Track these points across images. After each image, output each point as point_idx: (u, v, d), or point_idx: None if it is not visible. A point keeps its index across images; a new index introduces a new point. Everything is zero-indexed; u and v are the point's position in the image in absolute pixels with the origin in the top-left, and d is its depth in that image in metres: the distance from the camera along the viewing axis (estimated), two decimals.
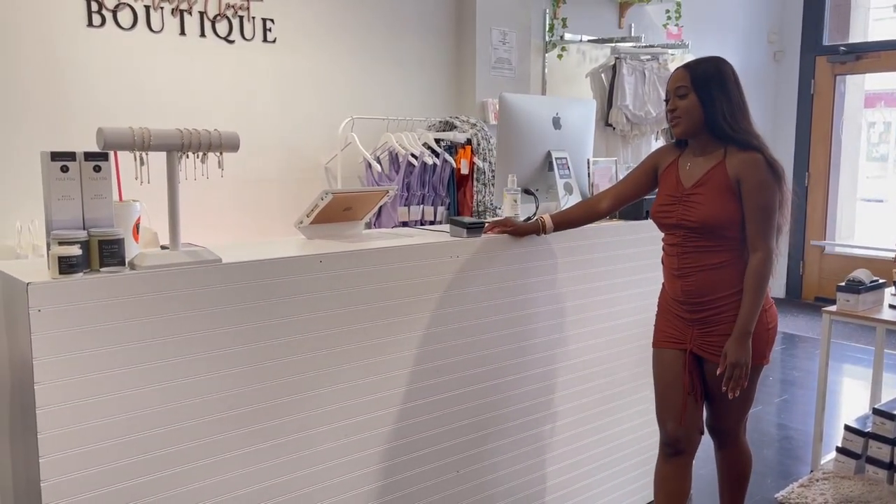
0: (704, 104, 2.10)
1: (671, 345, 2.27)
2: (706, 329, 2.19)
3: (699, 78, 2.11)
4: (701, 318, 2.19)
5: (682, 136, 2.18)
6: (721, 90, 2.11)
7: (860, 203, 7.36)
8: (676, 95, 2.14)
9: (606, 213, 2.37)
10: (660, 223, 2.27)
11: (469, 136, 3.91)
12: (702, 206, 2.13)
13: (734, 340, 2.11)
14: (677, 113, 2.15)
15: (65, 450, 1.56)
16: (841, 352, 5.22)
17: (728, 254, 2.14)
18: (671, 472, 2.27)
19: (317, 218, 2.16)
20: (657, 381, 2.31)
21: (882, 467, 3.17)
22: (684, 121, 2.14)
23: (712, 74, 2.12)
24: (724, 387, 2.11)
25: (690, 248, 2.17)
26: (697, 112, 2.12)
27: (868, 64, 6.56)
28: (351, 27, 3.97)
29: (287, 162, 3.80)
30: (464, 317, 2.24)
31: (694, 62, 2.18)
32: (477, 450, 2.33)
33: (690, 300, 2.19)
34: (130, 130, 1.59)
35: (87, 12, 3.13)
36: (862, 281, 3.25)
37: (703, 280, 2.16)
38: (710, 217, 2.11)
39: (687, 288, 2.19)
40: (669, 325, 2.29)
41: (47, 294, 1.50)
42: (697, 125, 2.13)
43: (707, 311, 2.18)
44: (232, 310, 1.76)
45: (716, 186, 2.12)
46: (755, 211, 2.09)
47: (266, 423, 1.85)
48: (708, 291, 2.15)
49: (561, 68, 5.13)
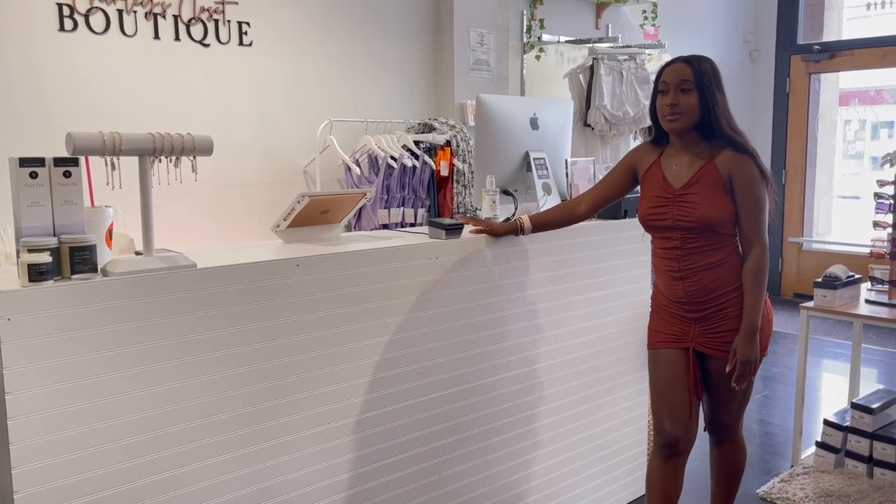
0: (706, 102, 2.09)
1: (670, 345, 2.25)
2: (709, 326, 2.19)
3: (703, 75, 2.09)
4: (703, 316, 2.19)
5: (677, 131, 2.14)
6: (720, 89, 2.11)
7: (837, 200, 7.45)
8: (680, 90, 2.10)
9: (585, 216, 2.36)
10: (651, 226, 2.23)
11: (448, 138, 3.91)
12: (698, 205, 2.11)
13: (743, 338, 2.12)
14: (678, 108, 2.10)
15: (38, 460, 1.53)
16: (819, 347, 5.27)
17: (726, 250, 2.15)
18: (669, 474, 2.25)
19: (294, 221, 2.14)
20: (655, 382, 2.29)
21: (861, 461, 3.20)
22: (685, 117, 2.11)
23: (712, 73, 2.11)
24: (734, 383, 2.13)
25: (690, 250, 2.16)
26: (697, 110, 2.10)
27: (842, 62, 6.65)
28: (328, 30, 3.96)
29: (265, 166, 3.78)
30: (444, 318, 2.23)
31: (694, 59, 2.14)
32: (460, 451, 2.32)
33: (693, 300, 2.19)
34: (101, 135, 1.57)
35: (58, 17, 3.09)
36: (838, 277, 3.29)
37: (705, 279, 2.15)
38: (708, 216, 2.10)
39: (690, 289, 2.18)
40: (668, 324, 2.26)
41: (16, 302, 1.47)
42: (694, 122, 2.12)
43: (709, 308, 2.18)
44: (207, 315, 1.74)
45: (709, 185, 2.11)
46: (749, 206, 2.10)
47: (245, 430, 1.83)
48: (711, 290, 2.16)
49: (539, 69, 5.14)
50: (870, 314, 3.16)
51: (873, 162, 9.38)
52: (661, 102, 2.15)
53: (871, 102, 8.34)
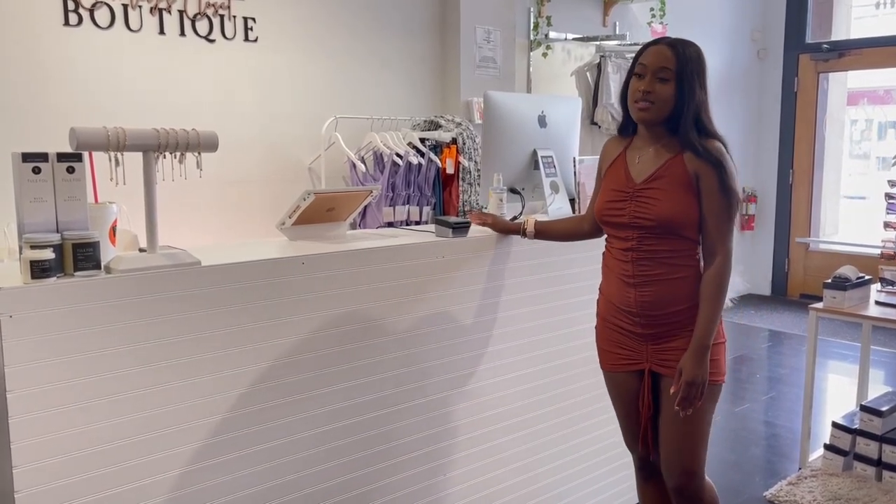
0: (683, 95, 1.87)
1: (624, 367, 2.05)
2: (661, 344, 1.97)
3: (687, 64, 1.87)
4: (655, 334, 1.97)
5: (646, 122, 1.93)
6: (701, 82, 1.90)
7: (843, 200, 7.40)
8: (657, 77, 1.88)
9: (589, 235, 2.24)
10: (607, 223, 2.03)
11: (454, 136, 3.88)
12: (658, 201, 1.90)
13: (692, 356, 1.88)
14: (651, 97, 1.89)
15: (39, 460, 1.51)
16: (827, 348, 5.24)
17: (687, 261, 1.93)
18: (651, 491, 2.21)
19: (299, 219, 2.12)
20: (616, 408, 2.15)
21: (870, 464, 3.17)
22: (656, 108, 1.89)
23: (697, 62, 1.89)
24: (678, 406, 1.89)
25: (647, 253, 1.94)
26: (672, 102, 1.88)
27: (850, 61, 6.60)
28: (334, 26, 3.93)
29: (270, 162, 3.76)
30: (450, 317, 2.21)
31: (679, 43, 1.91)
32: (466, 452, 2.30)
33: (645, 312, 1.96)
34: (104, 130, 1.55)
35: (63, 11, 3.07)
36: (848, 278, 3.25)
37: (660, 291, 1.93)
38: (668, 214, 1.89)
39: (642, 299, 1.95)
40: (618, 344, 2.05)
41: (18, 299, 1.45)
42: (665, 115, 1.90)
43: (662, 325, 1.95)
44: (212, 314, 1.72)
45: (674, 181, 1.90)
46: (716, 210, 1.88)
47: (248, 429, 1.81)
48: (665, 304, 1.93)
49: (546, 66, 5.11)
50: (880, 315, 3.13)
51: (879, 162, 9.33)
52: (634, 86, 1.92)
53: (879, 102, 8.29)
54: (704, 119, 1.90)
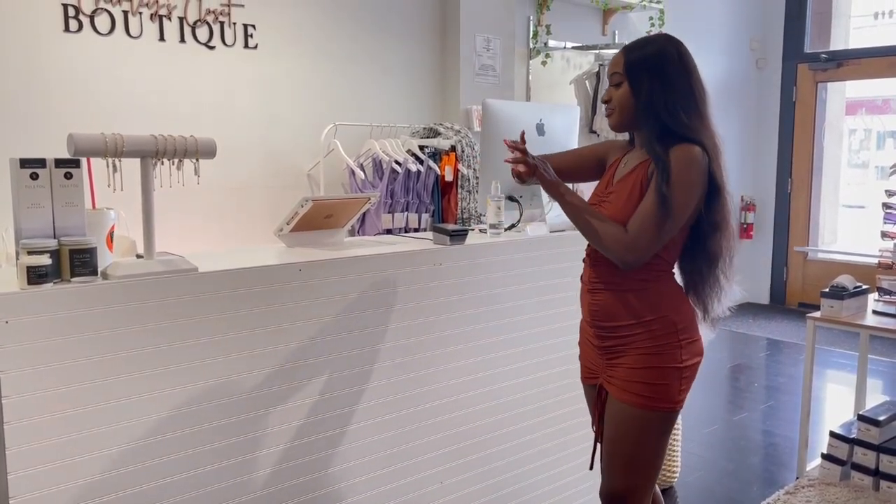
0: (636, 94, 1.79)
1: (588, 380, 2.01)
2: (611, 359, 1.87)
3: (634, 63, 1.80)
4: (607, 347, 1.88)
5: (616, 129, 1.89)
6: (659, 77, 1.77)
7: (842, 209, 7.41)
8: (612, 84, 1.85)
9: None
10: None
11: (453, 143, 3.89)
12: (611, 205, 1.83)
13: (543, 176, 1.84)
14: (612, 104, 1.85)
15: (35, 466, 1.51)
16: (825, 357, 5.23)
17: (641, 274, 1.80)
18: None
19: (297, 225, 2.12)
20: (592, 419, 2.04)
21: (868, 474, 3.16)
22: (618, 112, 1.84)
23: (650, 58, 1.78)
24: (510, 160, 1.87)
25: (601, 258, 1.85)
26: (630, 103, 1.81)
27: (849, 71, 6.62)
28: (334, 33, 3.94)
29: (269, 169, 3.76)
30: (448, 325, 2.20)
31: (634, 43, 1.85)
32: (462, 460, 2.29)
33: (597, 322, 1.88)
34: (102, 136, 1.55)
35: (63, 18, 3.08)
36: (846, 287, 3.25)
37: (609, 301, 1.84)
38: (617, 217, 1.78)
39: (594, 307, 1.88)
40: (585, 356, 2.00)
41: (14, 305, 1.45)
42: (631, 118, 1.83)
43: (612, 339, 1.86)
44: (208, 320, 1.72)
45: (633, 185, 1.81)
46: (643, 206, 1.74)
47: (244, 436, 1.81)
48: (613, 316, 1.83)
49: (545, 75, 5.12)
50: (877, 325, 3.13)
51: (878, 171, 9.35)
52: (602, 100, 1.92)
53: (878, 112, 8.31)
54: (669, 120, 1.76)
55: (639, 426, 1.82)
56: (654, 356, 1.81)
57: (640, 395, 1.81)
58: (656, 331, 1.81)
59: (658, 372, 1.80)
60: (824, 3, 6.85)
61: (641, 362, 1.81)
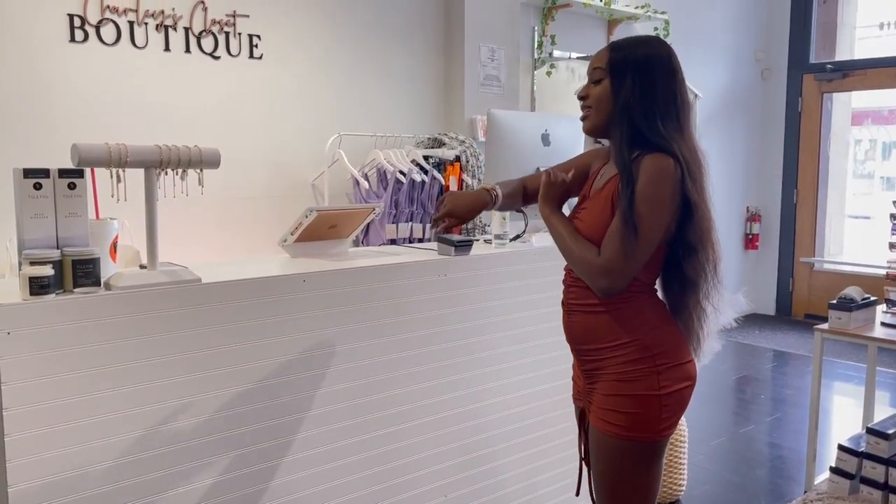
0: (616, 94, 1.64)
1: (577, 401, 1.88)
2: (590, 383, 1.75)
3: (620, 61, 1.64)
4: (586, 370, 1.76)
5: (589, 132, 1.73)
6: (644, 80, 1.62)
7: (848, 220, 7.38)
8: (591, 80, 1.69)
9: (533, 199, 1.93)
10: None
11: (458, 153, 3.88)
12: (582, 222, 1.70)
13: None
14: (588, 102, 1.69)
15: (36, 479, 1.50)
16: (832, 369, 5.19)
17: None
18: None
19: (301, 236, 2.11)
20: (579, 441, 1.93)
21: (877, 488, 3.12)
22: (594, 113, 1.69)
23: (639, 59, 1.64)
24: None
25: (576, 278, 1.73)
26: (608, 104, 1.66)
27: (854, 81, 6.61)
28: (338, 44, 3.95)
29: (273, 179, 3.76)
30: (453, 336, 2.19)
31: (623, 41, 1.70)
32: (467, 472, 2.27)
33: (574, 344, 1.77)
34: (106, 146, 1.55)
35: (69, 28, 3.09)
36: (854, 298, 3.23)
37: (583, 323, 1.72)
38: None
39: (570, 327, 1.76)
40: (574, 375, 1.87)
41: (17, 316, 1.44)
42: (607, 120, 1.67)
43: (589, 361, 1.73)
44: (212, 331, 1.71)
45: (604, 198, 1.67)
46: (614, 224, 1.59)
47: (247, 448, 1.79)
48: (587, 339, 1.71)
49: (550, 85, 5.12)
50: (885, 337, 3.10)
51: (883, 182, 9.32)
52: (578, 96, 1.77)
53: (883, 122, 8.29)
54: (643, 125, 1.61)
55: (619, 457, 1.67)
56: (626, 383, 1.65)
57: (615, 425, 1.66)
58: (628, 354, 1.65)
59: (632, 400, 1.65)
60: (829, 13, 6.85)
61: (613, 389, 1.67)
